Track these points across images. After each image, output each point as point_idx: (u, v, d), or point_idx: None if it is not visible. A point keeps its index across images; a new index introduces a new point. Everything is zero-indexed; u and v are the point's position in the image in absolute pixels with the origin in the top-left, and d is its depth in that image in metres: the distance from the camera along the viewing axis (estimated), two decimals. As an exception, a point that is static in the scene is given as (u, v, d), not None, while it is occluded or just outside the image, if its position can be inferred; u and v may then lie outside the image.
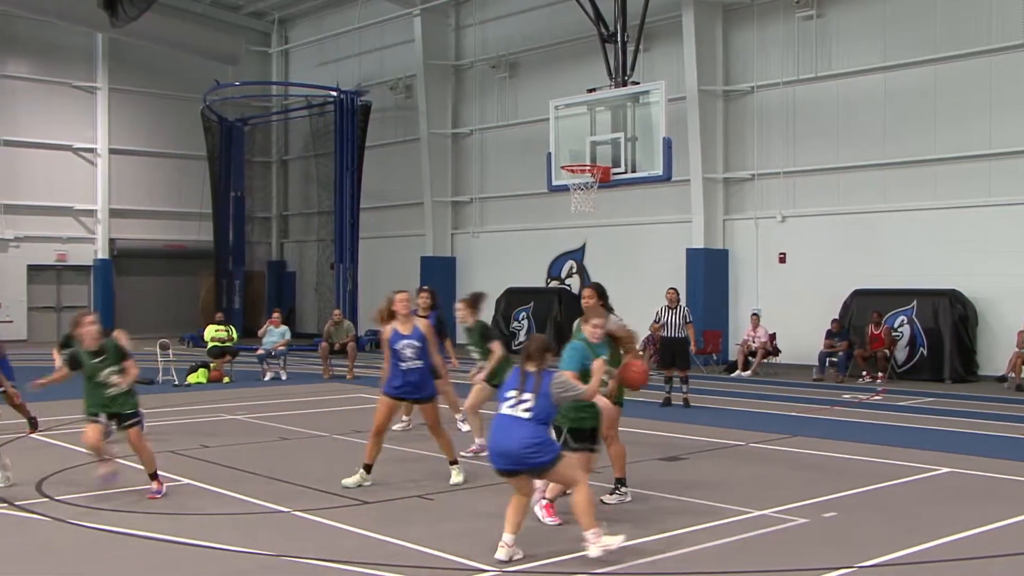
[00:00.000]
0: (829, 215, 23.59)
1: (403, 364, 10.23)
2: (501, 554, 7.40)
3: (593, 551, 7.30)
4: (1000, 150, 21.03)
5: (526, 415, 7.46)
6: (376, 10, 32.87)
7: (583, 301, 9.89)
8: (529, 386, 7.54)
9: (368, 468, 10.20)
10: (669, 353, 17.05)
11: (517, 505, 7.56)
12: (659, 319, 17.26)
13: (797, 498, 9.55)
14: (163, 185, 35.49)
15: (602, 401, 8.44)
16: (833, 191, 23.64)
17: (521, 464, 7.47)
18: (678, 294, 17.52)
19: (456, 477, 10.33)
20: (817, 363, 21.73)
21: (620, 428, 9.74)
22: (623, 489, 9.55)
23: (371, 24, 33.51)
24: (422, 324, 10.51)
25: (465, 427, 13.07)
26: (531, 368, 7.64)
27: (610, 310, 10.33)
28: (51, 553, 7.85)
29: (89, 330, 9.79)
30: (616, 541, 7.35)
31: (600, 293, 9.97)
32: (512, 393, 7.58)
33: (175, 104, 34.93)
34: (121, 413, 9.81)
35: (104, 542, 8.11)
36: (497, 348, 12.02)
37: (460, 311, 12.41)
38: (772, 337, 22.91)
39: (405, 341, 10.22)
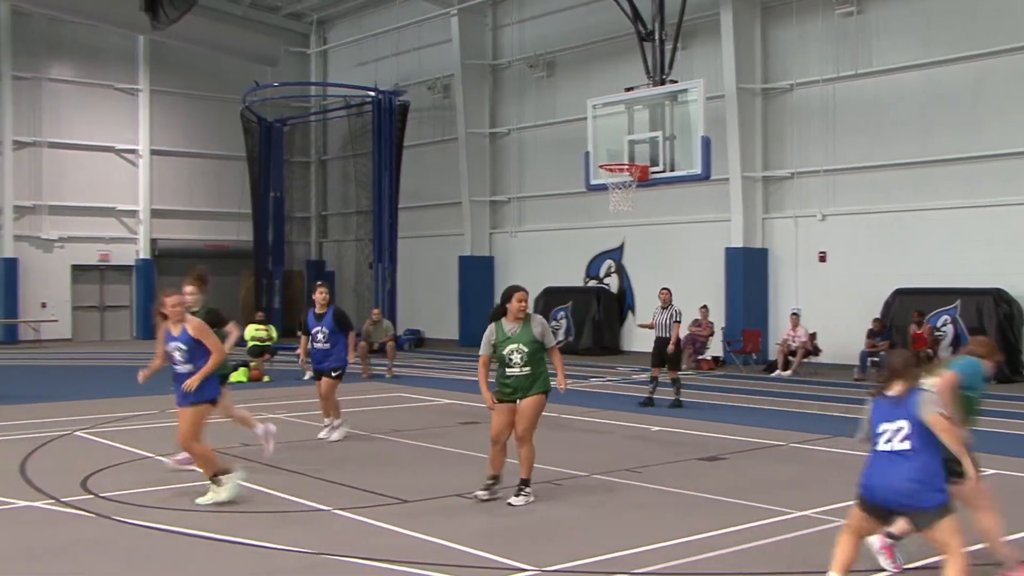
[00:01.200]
0: (870, 213, 23.40)
1: (175, 367, 9.95)
2: None
3: None
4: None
5: (905, 446, 6.20)
6: (414, 10, 32.96)
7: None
8: (901, 413, 6.27)
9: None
10: (657, 352, 16.92)
11: (847, 544, 6.51)
12: (654, 319, 17.17)
13: (838, 499, 9.46)
14: (203, 185, 35.81)
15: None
16: (874, 189, 23.43)
17: (903, 504, 6.22)
18: (670, 294, 17.38)
19: (216, 495, 9.41)
20: (858, 363, 21.55)
21: (662, 428, 9.72)
22: (527, 490, 9.43)
23: (409, 24, 33.60)
24: (192, 326, 9.87)
25: (335, 435, 13.40)
26: (897, 390, 6.38)
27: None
28: (99, 550, 7.94)
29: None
30: None
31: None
32: (884, 426, 6.31)
33: (215, 105, 35.23)
34: None
35: (148, 539, 8.19)
36: (234, 329, 11.79)
37: (188, 295, 11.51)
38: (812, 336, 22.76)
39: (173, 344, 9.91)
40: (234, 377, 20.58)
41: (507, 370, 9.56)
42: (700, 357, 23.89)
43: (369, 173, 32.59)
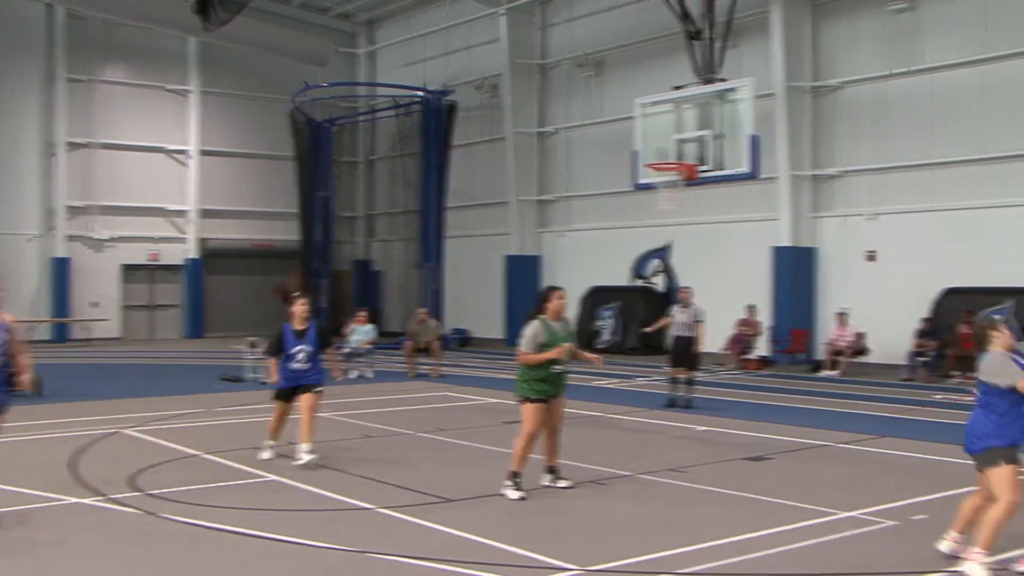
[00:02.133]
0: (920, 212, 23.08)
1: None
2: (943, 546, 7.45)
3: (968, 567, 6.99)
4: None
5: (977, 397, 7.29)
6: (462, 10, 33.02)
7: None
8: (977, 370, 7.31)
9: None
10: (677, 352, 16.72)
11: (972, 504, 7.45)
12: (671, 316, 16.93)
13: (886, 500, 9.38)
14: (252, 185, 36.12)
15: None
16: (923, 188, 23.13)
17: (967, 448, 7.30)
18: (690, 294, 17.16)
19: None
20: (907, 363, 21.30)
21: (708, 428, 9.67)
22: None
23: (457, 24, 33.67)
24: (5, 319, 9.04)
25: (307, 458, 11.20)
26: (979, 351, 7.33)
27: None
28: (146, 547, 8.02)
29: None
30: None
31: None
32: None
33: (264, 105, 35.50)
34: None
35: (193, 536, 8.27)
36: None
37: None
38: (861, 336, 22.52)
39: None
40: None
41: (554, 368, 9.78)
42: (747, 356, 23.73)
43: (417, 173, 32.72)
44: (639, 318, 27.02)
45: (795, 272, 24.88)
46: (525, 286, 31.46)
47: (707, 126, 19.68)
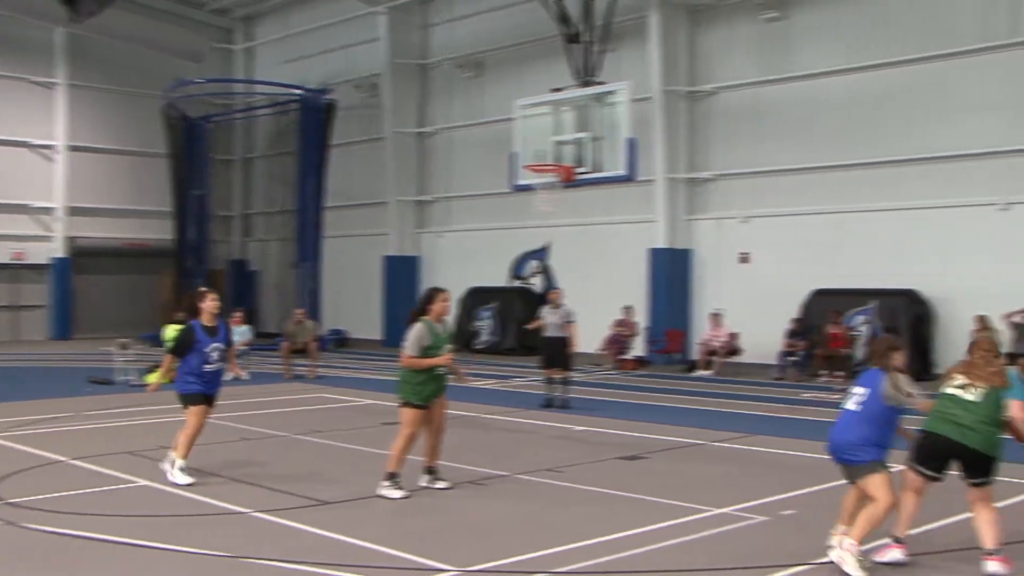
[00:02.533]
0: (791, 215, 23.72)
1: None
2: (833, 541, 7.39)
3: (836, 555, 7.24)
4: (958, 152, 21.24)
5: (856, 408, 7.39)
6: (342, 8, 32.72)
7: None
8: (865, 381, 7.48)
9: None
10: (549, 353, 16.86)
11: (853, 496, 7.52)
12: (542, 317, 17.12)
13: (757, 496, 9.60)
14: (124, 183, 35.11)
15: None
16: (795, 192, 23.78)
17: (836, 455, 7.44)
18: (560, 295, 17.41)
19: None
20: (778, 362, 21.86)
21: (585, 428, 9.75)
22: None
23: (337, 22, 33.37)
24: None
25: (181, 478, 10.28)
26: (873, 366, 7.56)
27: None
28: (8, 558, 7.72)
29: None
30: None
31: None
32: (856, 389, 7.53)
33: (137, 101, 34.53)
34: None
35: (60, 545, 8.00)
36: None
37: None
38: (734, 336, 23.03)
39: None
40: (151, 378, 20.36)
41: (439, 370, 9.86)
42: (623, 357, 24.04)
43: (295, 172, 32.30)
44: (517, 319, 27.15)
45: (671, 273, 25.32)
46: (404, 287, 31.38)
47: (585, 128, 19.86)
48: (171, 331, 21.66)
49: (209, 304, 10.68)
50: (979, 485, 7.24)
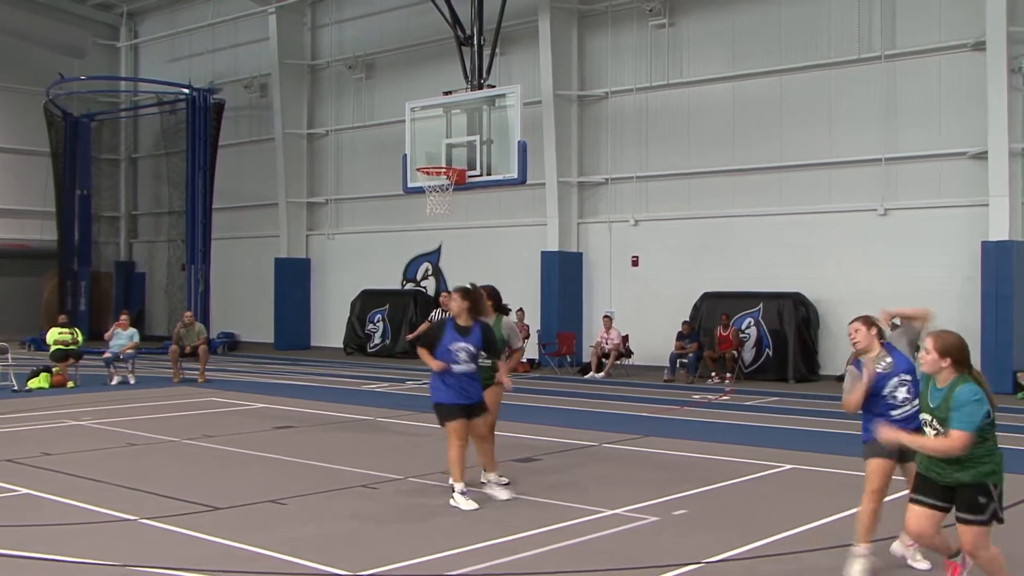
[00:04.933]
0: (680, 219, 24.15)
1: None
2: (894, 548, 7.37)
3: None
4: (839, 159, 21.90)
5: None
6: (230, 7, 32.29)
7: (444, 302, 10.19)
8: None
9: None
10: None
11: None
12: (431, 320, 17.08)
13: (648, 497, 9.75)
14: (5, 181, 34.05)
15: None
16: (684, 196, 24.21)
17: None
18: (452, 297, 17.35)
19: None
20: (668, 364, 22.22)
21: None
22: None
23: (225, 21, 32.91)
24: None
25: None
26: None
27: (504, 311, 10.57)
28: None
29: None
30: None
31: (491, 295, 10.51)
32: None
33: (17, 97, 33.55)
34: None
35: (-63, 555, 7.77)
36: None
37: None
38: (625, 339, 23.34)
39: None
40: (35, 383, 19.85)
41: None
42: (517, 359, 24.12)
43: (182, 172, 31.73)
44: (409, 321, 27.09)
45: (563, 276, 25.53)
46: (294, 289, 31.10)
47: (477, 131, 19.92)
48: (55, 334, 21.21)
49: (455, 304, 9.96)
50: None
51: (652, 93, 24.62)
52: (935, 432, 6.29)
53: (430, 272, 28.85)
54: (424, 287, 28.87)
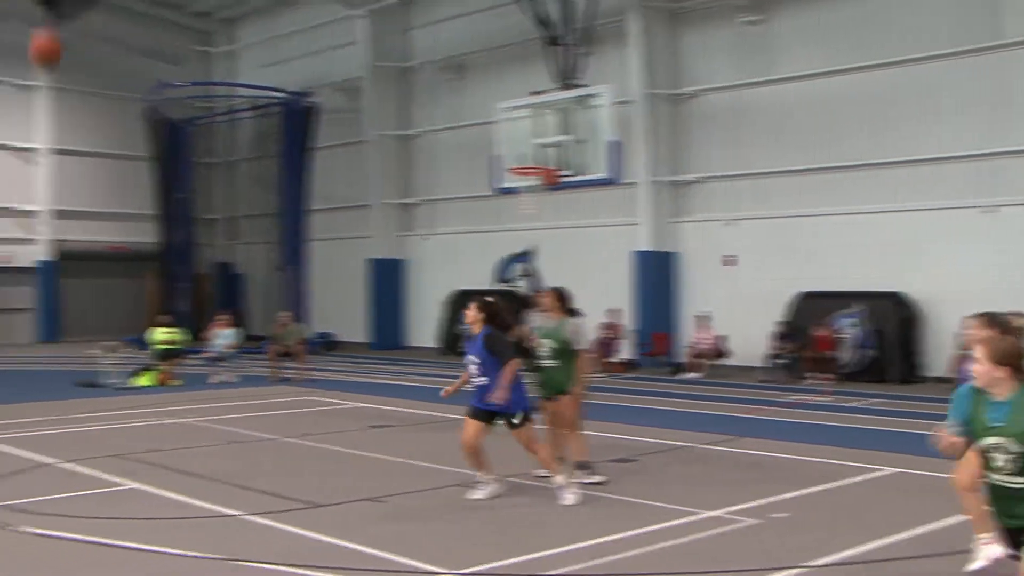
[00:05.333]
0: (775, 218, 23.81)
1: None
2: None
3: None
4: (940, 155, 21.35)
5: None
6: (322, 12, 32.72)
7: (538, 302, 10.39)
8: None
9: None
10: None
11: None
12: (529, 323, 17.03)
13: (747, 499, 9.63)
14: (108, 186, 35.05)
15: None
16: (778, 194, 23.87)
17: None
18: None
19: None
20: (764, 365, 21.93)
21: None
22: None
23: (317, 25, 33.38)
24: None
25: None
26: None
27: (573, 313, 10.63)
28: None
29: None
30: None
31: (560, 296, 10.64)
32: None
33: (120, 104, 34.42)
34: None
35: (48, 547, 7.99)
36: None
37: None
38: (721, 339, 23.08)
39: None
40: (139, 381, 20.37)
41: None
42: (610, 360, 24.06)
43: (278, 175, 32.26)
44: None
45: (655, 276, 25.37)
46: (388, 290, 31.40)
47: (567, 131, 19.91)
48: (159, 333, 21.72)
49: (469, 315, 9.92)
50: None
51: (744, 90, 24.31)
52: (1010, 457, 5.24)
53: (522, 273, 28.84)
54: (518, 287, 28.87)
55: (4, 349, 30.99)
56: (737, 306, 23.96)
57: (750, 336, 22.89)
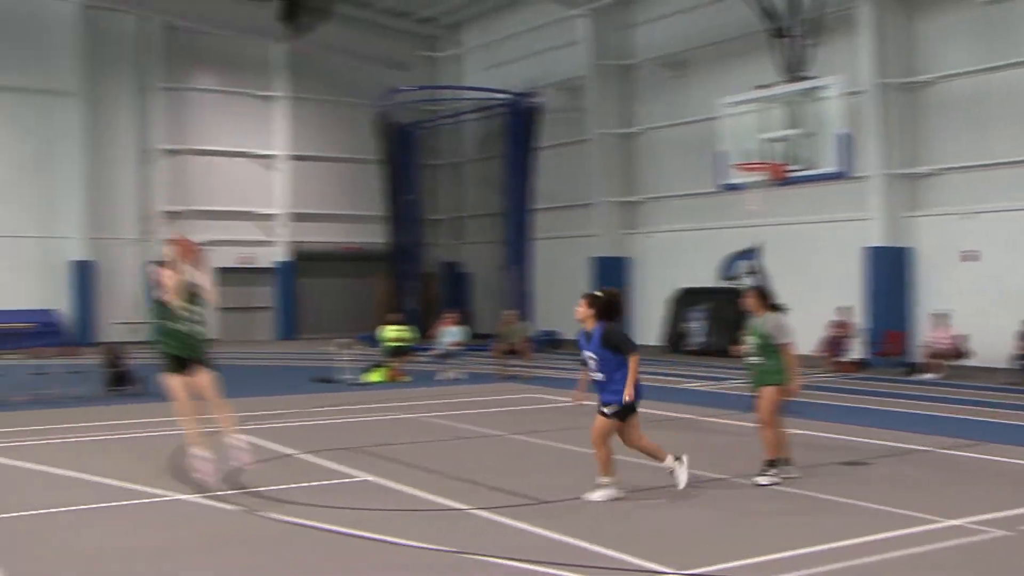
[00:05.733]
0: (1020, 210, 22.45)
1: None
2: None
3: None
4: None
5: None
6: (543, 12, 33.07)
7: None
8: None
9: None
10: None
11: None
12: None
13: (992, 508, 9.10)
14: (341, 189, 36.59)
15: None
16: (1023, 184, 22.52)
17: None
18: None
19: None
20: (1009, 366, 20.73)
21: (802, 431, 9.51)
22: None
23: (538, 26, 33.75)
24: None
25: None
26: None
27: (775, 309, 10.53)
28: (244, 544, 8.14)
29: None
30: None
31: (761, 293, 10.81)
32: None
33: (351, 110, 35.84)
34: None
35: (291, 534, 8.37)
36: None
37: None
38: (960, 339, 21.95)
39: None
40: (371, 377, 21.11)
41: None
42: (840, 359, 23.31)
43: (502, 175, 32.80)
44: (729, 320, 26.71)
45: (889, 273, 24.37)
46: (612, 287, 31.35)
47: (794, 125, 19.43)
48: (390, 331, 22.46)
49: (580, 311, 9.99)
50: None
51: (985, 76, 23.00)
52: None
53: (748, 270, 28.33)
54: (742, 285, 28.38)
55: (246, 346, 32.75)
56: (978, 304, 22.72)
57: (993, 335, 21.66)
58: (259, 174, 35.57)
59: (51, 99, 32.22)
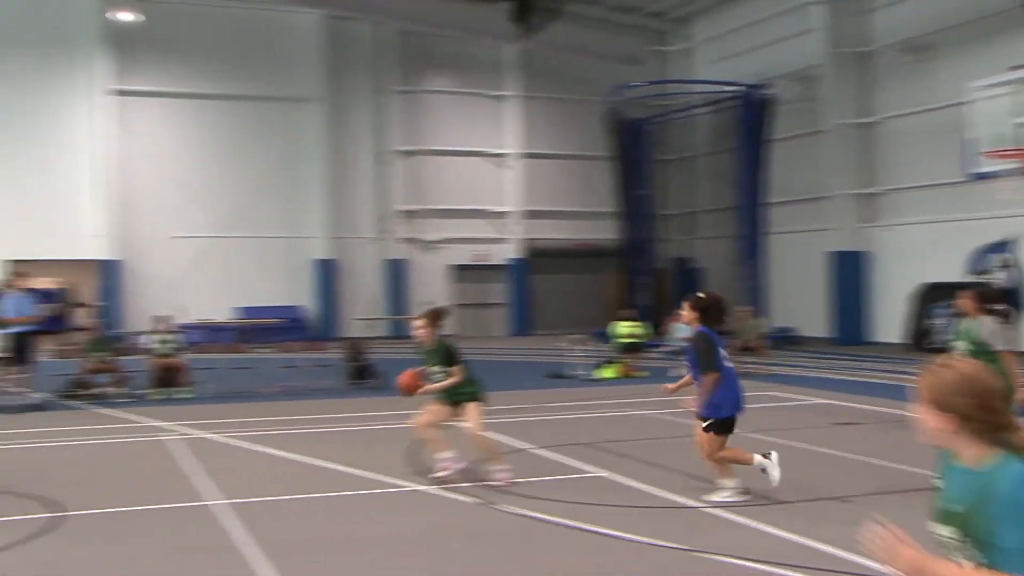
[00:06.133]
0: None
1: None
2: None
3: None
4: None
5: None
6: (776, 2, 32.38)
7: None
8: None
9: None
10: None
11: None
12: None
13: None
14: (572, 186, 36.92)
15: None
16: None
17: None
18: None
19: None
20: None
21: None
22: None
23: (771, 16, 33.00)
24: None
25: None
26: None
27: (992, 313, 9.89)
28: (476, 535, 8.35)
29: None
30: None
31: (980, 296, 10.17)
32: None
33: (582, 107, 36.08)
34: None
35: (524, 525, 8.52)
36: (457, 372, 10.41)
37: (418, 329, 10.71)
38: None
39: None
40: (605, 373, 21.19)
41: None
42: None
43: (734, 169, 32.29)
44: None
45: None
46: (850, 283, 30.38)
47: (1053, 108, 18.30)
48: (624, 327, 22.48)
49: (685, 314, 9.98)
50: None
51: None
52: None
53: (1002, 264, 26.77)
54: (995, 280, 26.86)
55: (482, 341, 33.47)
56: None
57: None
58: (492, 172, 36.33)
59: (295, 105, 33.94)
